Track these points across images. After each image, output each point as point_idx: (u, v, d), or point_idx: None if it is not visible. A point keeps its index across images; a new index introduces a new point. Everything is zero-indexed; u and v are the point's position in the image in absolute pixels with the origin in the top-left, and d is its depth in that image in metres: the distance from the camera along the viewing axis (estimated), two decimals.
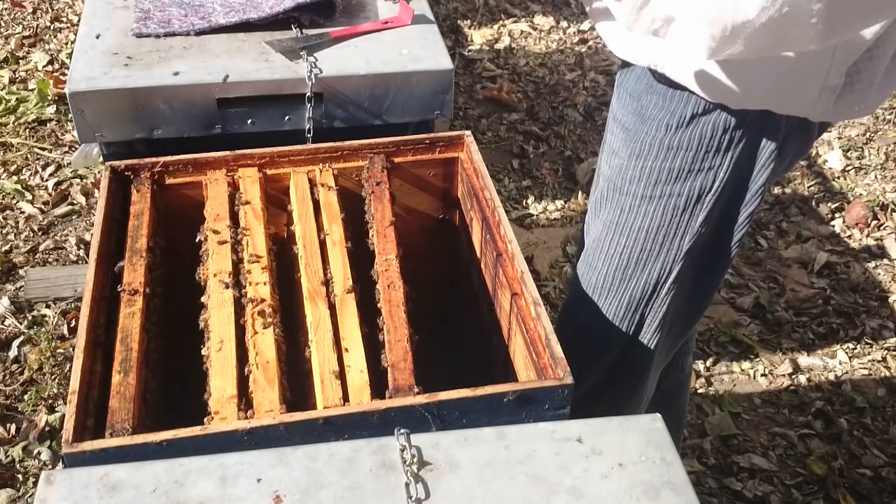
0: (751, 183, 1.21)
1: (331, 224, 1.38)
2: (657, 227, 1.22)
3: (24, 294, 2.61)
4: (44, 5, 4.11)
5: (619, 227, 1.25)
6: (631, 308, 1.31)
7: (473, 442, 0.98)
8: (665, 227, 1.23)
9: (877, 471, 2.25)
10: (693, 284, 1.32)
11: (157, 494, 0.92)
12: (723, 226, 1.25)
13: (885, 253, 2.95)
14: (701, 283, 1.33)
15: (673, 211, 1.21)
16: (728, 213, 1.24)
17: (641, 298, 1.29)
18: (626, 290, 1.29)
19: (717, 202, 1.21)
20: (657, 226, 1.22)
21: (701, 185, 1.19)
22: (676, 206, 1.21)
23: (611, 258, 1.28)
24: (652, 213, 1.22)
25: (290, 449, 0.97)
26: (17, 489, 2.11)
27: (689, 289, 1.32)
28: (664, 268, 1.26)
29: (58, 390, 2.33)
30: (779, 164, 1.22)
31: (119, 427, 1.07)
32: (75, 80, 1.58)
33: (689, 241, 1.23)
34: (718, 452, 2.28)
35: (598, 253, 1.30)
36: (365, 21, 1.79)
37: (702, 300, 1.36)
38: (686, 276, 1.29)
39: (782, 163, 1.24)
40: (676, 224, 1.22)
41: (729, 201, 1.22)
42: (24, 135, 3.27)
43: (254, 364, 1.16)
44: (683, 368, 1.65)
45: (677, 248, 1.24)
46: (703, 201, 1.20)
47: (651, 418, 1.02)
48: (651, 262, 1.26)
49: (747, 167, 1.19)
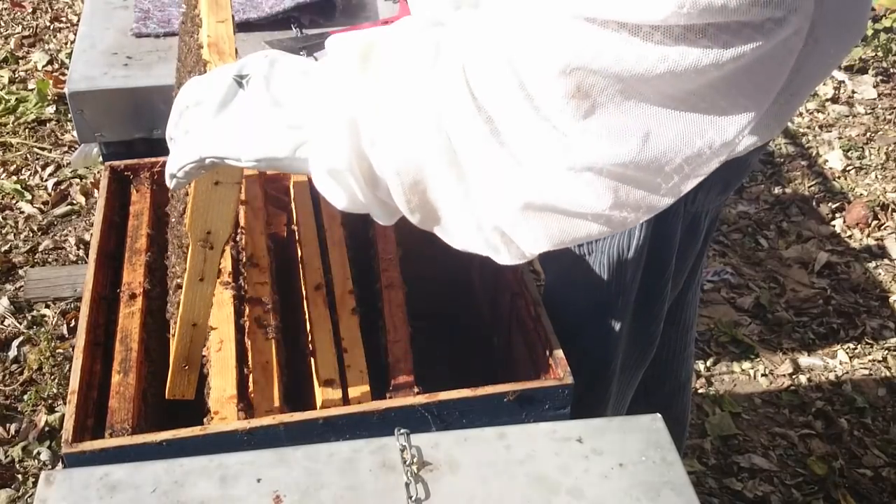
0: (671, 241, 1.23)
1: (331, 224, 1.38)
2: (596, 281, 1.24)
3: (24, 294, 2.61)
4: (43, 5, 4.11)
5: (566, 281, 1.28)
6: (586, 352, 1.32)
7: (473, 442, 0.98)
8: (604, 283, 1.24)
9: (877, 471, 2.24)
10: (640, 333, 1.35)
11: (157, 494, 0.92)
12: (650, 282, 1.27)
13: (885, 253, 2.95)
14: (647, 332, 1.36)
15: (602, 268, 1.23)
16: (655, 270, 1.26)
17: (595, 343, 1.31)
18: (581, 335, 1.31)
19: (640, 260, 1.23)
20: (596, 281, 1.24)
21: (619, 245, 1.20)
22: (603, 263, 1.23)
23: (564, 306, 1.30)
24: (587, 268, 1.24)
25: (290, 449, 0.97)
26: (17, 489, 2.11)
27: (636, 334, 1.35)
28: (609, 319, 1.29)
29: (57, 390, 2.33)
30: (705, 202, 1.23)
31: (119, 427, 1.07)
32: (75, 80, 1.58)
33: (624, 297, 1.25)
34: (719, 452, 2.28)
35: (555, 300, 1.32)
36: (365, 21, 1.79)
37: (647, 344, 1.39)
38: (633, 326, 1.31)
39: (709, 201, 1.25)
40: (610, 280, 1.24)
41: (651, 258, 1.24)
42: (24, 135, 3.27)
43: (253, 364, 1.16)
44: (679, 375, 1.65)
45: (616, 301, 1.26)
46: (625, 259, 1.21)
47: (651, 418, 1.02)
48: (599, 313, 1.28)
49: (660, 230, 1.21)
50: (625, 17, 0.63)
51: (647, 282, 1.25)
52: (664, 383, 1.60)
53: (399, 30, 0.78)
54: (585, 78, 0.66)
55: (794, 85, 0.99)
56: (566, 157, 0.69)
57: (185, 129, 0.85)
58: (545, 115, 0.68)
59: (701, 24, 0.63)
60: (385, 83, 0.75)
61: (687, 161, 0.70)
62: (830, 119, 3.60)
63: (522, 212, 0.73)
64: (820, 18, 1.00)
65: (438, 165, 0.74)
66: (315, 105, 0.78)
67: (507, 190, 0.72)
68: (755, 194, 3.19)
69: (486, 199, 0.73)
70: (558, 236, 0.75)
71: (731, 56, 0.64)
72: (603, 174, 0.70)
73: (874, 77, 3.83)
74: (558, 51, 0.65)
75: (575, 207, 0.72)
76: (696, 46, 0.64)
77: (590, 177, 0.70)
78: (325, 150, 0.77)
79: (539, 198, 0.72)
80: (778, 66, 0.70)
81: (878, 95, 3.74)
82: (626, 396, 1.47)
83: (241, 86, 0.81)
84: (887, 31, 3.93)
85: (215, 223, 0.92)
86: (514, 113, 0.69)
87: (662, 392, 1.61)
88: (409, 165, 0.75)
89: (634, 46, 0.64)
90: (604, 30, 0.64)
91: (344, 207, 0.81)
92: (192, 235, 0.94)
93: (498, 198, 0.73)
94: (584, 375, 1.25)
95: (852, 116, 3.63)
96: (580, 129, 0.68)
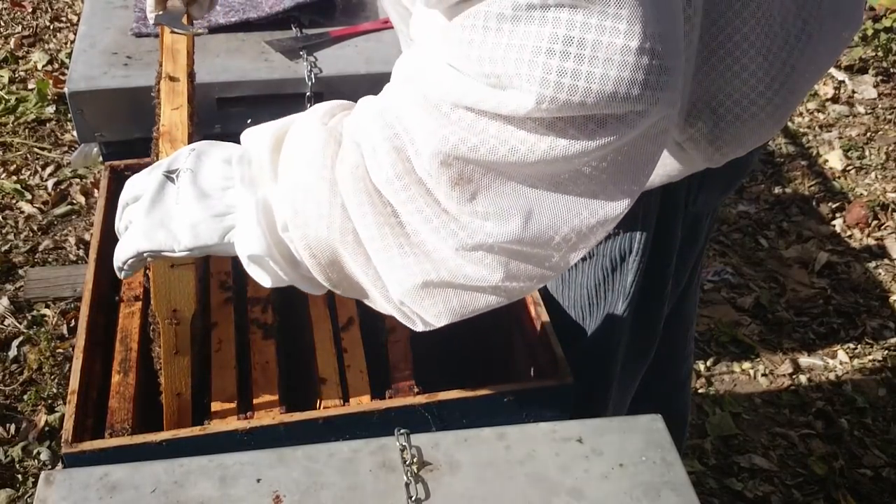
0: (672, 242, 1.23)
1: None
2: (597, 283, 1.25)
3: (24, 294, 2.61)
4: (43, 5, 4.11)
5: (566, 282, 1.29)
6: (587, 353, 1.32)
7: (473, 442, 0.98)
8: (605, 285, 1.25)
9: (877, 471, 2.24)
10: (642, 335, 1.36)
11: (157, 495, 0.92)
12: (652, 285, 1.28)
13: (885, 253, 2.95)
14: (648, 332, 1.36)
15: (604, 271, 1.23)
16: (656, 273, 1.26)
17: (596, 344, 1.31)
18: (582, 337, 1.31)
19: (640, 262, 1.22)
20: (597, 283, 1.25)
21: (621, 247, 1.20)
22: (605, 266, 1.23)
23: (565, 309, 1.31)
24: (589, 270, 1.24)
25: (289, 449, 0.97)
26: (17, 489, 2.11)
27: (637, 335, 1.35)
28: (609, 321, 1.29)
29: (57, 390, 2.33)
30: (707, 202, 1.23)
31: (118, 427, 1.07)
32: (75, 80, 1.58)
33: (625, 299, 1.25)
34: (719, 452, 2.28)
35: (556, 301, 1.32)
36: (365, 21, 1.79)
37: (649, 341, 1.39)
38: (633, 327, 1.31)
39: (711, 201, 1.25)
40: (612, 282, 1.24)
41: (653, 261, 1.24)
42: (24, 134, 3.27)
43: (253, 364, 1.16)
44: (679, 374, 1.65)
45: (618, 303, 1.27)
46: (627, 262, 1.22)
47: (651, 418, 1.02)
48: (601, 315, 1.28)
49: (661, 232, 1.21)
50: (491, 110, 0.69)
51: (648, 283, 1.25)
52: (664, 382, 1.60)
53: (307, 119, 0.83)
54: (466, 166, 0.72)
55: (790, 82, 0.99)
56: (457, 237, 0.75)
57: (125, 225, 0.91)
58: (436, 199, 0.75)
59: (567, 116, 0.67)
60: (293, 173, 0.81)
61: (570, 236, 0.76)
62: (830, 119, 3.60)
63: (423, 289, 0.78)
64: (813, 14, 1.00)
65: (347, 247, 0.79)
66: (234, 195, 0.84)
67: (406, 269, 0.78)
68: (755, 194, 3.19)
69: (389, 278, 0.79)
70: (459, 309, 0.80)
71: (598, 145, 0.69)
72: (493, 251, 0.76)
73: (874, 77, 3.83)
74: (441, 142, 0.71)
75: (470, 282, 0.77)
76: (563, 137, 0.69)
77: (481, 255, 0.76)
78: (244, 237, 0.83)
79: (437, 276, 0.77)
80: (651, 145, 0.74)
81: (879, 95, 3.74)
82: (626, 396, 1.47)
83: (171, 180, 0.87)
84: (887, 31, 3.93)
85: (179, 302, 0.97)
86: (408, 198, 0.75)
87: (663, 391, 1.61)
88: (321, 246, 0.80)
89: (508, 136, 0.70)
90: (480, 119, 0.70)
91: (270, 286, 0.87)
92: (159, 315, 0.99)
93: (400, 277, 0.78)
94: (585, 377, 1.25)
95: (852, 116, 3.63)
96: (468, 211, 0.74)
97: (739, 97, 0.97)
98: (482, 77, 0.69)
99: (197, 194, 0.85)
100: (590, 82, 0.65)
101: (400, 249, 0.77)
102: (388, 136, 0.75)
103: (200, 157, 0.87)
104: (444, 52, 0.72)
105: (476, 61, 0.69)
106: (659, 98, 0.67)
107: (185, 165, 0.87)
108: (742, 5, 0.92)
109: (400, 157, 0.75)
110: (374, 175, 0.76)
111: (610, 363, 1.33)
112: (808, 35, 0.99)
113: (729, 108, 0.97)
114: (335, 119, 0.83)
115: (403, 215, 0.76)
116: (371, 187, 0.76)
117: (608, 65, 0.64)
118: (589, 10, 0.64)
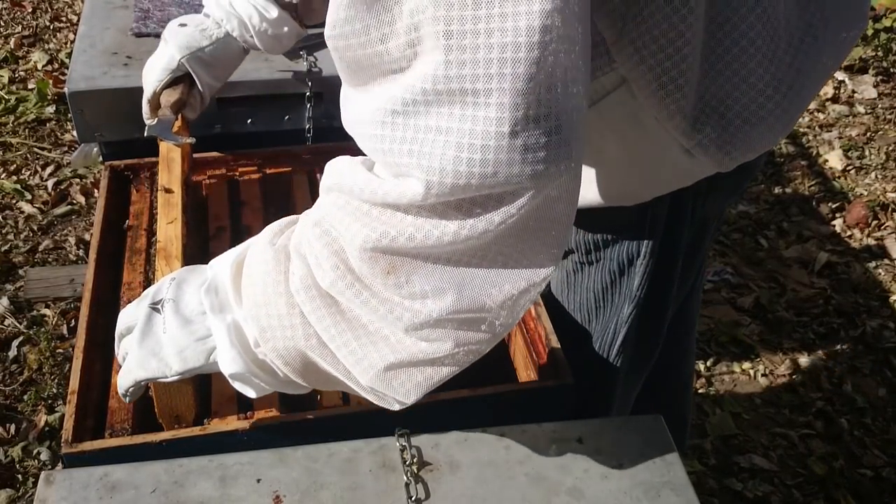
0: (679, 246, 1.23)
1: None
2: (603, 287, 1.26)
3: (24, 294, 2.61)
4: (43, 5, 4.11)
5: (571, 285, 1.31)
6: (594, 351, 1.32)
7: (473, 442, 0.98)
8: (611, 289, 1.26)
9: (877, 471, 2.24)
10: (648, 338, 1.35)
11: (157, 495, 0.92)
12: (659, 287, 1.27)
13: (885, 253, 2.95)
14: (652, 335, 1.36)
15: (611, 275, 1.24)
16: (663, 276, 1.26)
17: (601, 347, 1.32)
18: (587, 340, 1.31)
19: (648, 267, 1.23)
20: (603, 286, 1.26)
21: (629, 251, 1.21)
22: (613, 270, 1.24)
23: (570, 311, 1.32)
24: (595, 274, 1.25)
25: (290, 449, 0.97)
26: (17, 489, 2.11)
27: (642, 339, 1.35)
28: (615, 324, 1.29)
29: (57, 390, 2.33)
30: (714, 206, 1.24)
31: (118, 427, 1.07)
32: (75, 80, 1.58)
33: (631, 302, 1.25)
34: (719, 452, 2.28)
35: (560, 304, 1.32)
36: None
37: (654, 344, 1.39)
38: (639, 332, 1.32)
39: (718, 205, 1.26)
40: (618, 286, 1.25)
41: (660, 264, 1.24)
42: (24, 134, 3.27)
43: None
44: (682, 374, 1.65)
45: (623, 307, 1.27)
46: (634, 266, 1.22)
47: (651, 419, 1.02)
48: (606, 319, 1.29)
49: (669, 237, 1.20)
50: (395, 201, 0.76)
51: (654, 287, 1.25)
52: (667, 382, 1.60)
53: (259, 242, 0.91)
54: (392, 257, 0.79)
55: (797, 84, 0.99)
56: (403, 320, 0.81)
57: (123, 355, 0.99)
58: (374, 291, 0.81)
59: (455, 200, 0.74)
60: (253, 293, 0.88)
61: (505, 301, 0.81)
62: (830, 119, 3.60)
63: (387, 372, 0.84)
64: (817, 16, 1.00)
65: (313, 349, 0.86)
66: (209, 319, 0.92)
67: (368, 358, 0.84)
68: (755, 194, 3.19)
69: (356, 369, 0.85)
70: (424, 383, 0.85)
71: (501, 219, 0.75)
72: (440, 325, 0.81)
73: (874, 77, 3.83)
74: (365, 240, 0.78)
75: (428, 357, 0.83)
76: (469, 216, 0.75)
77: (428, 331, 0.81)
78: (223, 359, 0.91)
79: (396, 357, 0.83)
80: (561, 204, 0.78)
81: (879, 95, 3.74)
82: (630, 398, 1.47)
83: (158, 311, 0.95)
84: (887, 31, 3.93)
85: (180, 409, 1.05)
86: (354, 294, 0.82)
87: (666, 391, 1.61)
88: (291, 353, 0.87)
89: (421, 223, 0.76)
90: (395, 213, 0.77)
91: (257, 397, 0.94)
92: (163, 421, 1.06)
93: (364, 366, 0.84)
94: (590, 379, 1.25)
95: (852, 116, 3.63)
96: (406, 294, 0.80)
97: (747, 101, 0.97)
98: (390, 167, 0.76)
99: (180, 322, 0.93)
100: (471, 167, 0.71)
101: (358, 341, 0.83)
102: (327, 243, 0.82)
103: (181, 285, 0.95)
104: (364, 146, 0.79)
105: (381, 153, 0.76)
106: (542, 170, 0.72)
107: (168, 296, 0.95)
108: (747, 10, 0.92)
109: (340, 259, 0.81)
110: (321, 281, 0.83)
111: (614, 365, 1.34)
112: (812, 37, 0.99)
113: (737, 112, 0.98)
114: (283, 237, 0.90)
115: (355, 310, 0.83)
116: (322, 292, 0.83)
117: (486, 150, 0.71)
118: (464, 103, 0.70)
